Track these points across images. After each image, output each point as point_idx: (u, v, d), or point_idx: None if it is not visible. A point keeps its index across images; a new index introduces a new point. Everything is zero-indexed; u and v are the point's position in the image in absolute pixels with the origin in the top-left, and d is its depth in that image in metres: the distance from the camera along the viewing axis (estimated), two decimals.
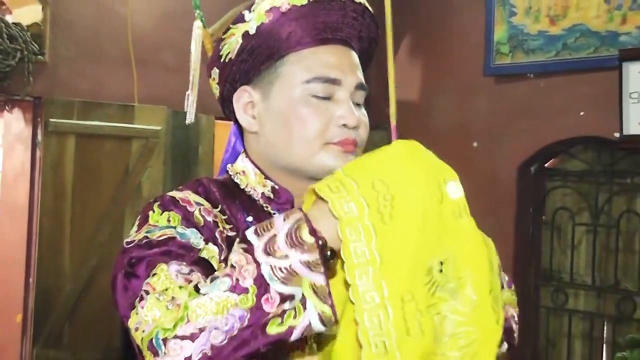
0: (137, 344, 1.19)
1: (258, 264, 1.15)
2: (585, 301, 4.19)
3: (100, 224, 4.15)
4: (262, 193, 1.42)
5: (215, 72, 1.43)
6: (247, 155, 1.45)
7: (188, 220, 1.31)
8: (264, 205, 1.42)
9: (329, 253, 1.19)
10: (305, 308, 1.13)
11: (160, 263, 1.23)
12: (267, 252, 1.15)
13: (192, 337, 1.13)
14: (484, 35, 4.30)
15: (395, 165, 1.23)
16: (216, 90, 1.47)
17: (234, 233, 1.35)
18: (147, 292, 1.19)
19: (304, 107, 1.35)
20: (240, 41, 1.36)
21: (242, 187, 1.44)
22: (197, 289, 1.17)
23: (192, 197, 1.36)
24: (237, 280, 1.14)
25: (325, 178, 1.23)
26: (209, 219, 1.34)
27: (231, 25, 1.38)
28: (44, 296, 4.04)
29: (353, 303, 1.18)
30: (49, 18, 4.01)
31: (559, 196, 4.32)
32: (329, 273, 1.21)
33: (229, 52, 1.38)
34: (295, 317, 1.13)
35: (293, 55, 1.36)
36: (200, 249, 1.28)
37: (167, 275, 1.20)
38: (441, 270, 1.20)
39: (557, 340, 4.31)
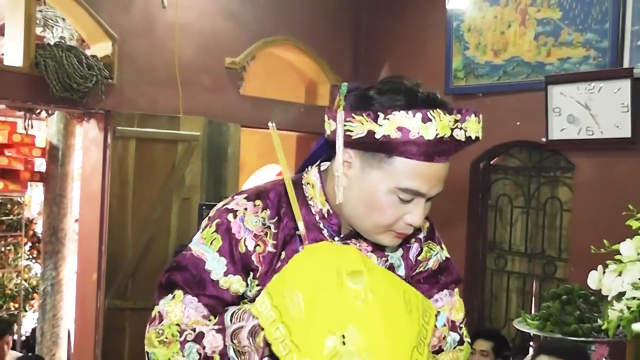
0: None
1: (225, 345, 1.19)
2: (520, 264, 4.26)
3: (154, 206, 4.18)
4: (320, 210, 1.32)
5: (333, 124, 1.23)
6: (320, 175, 1.33)
7: (225, 248, 1.27)
8: (318, 220, 1.33)
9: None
10: None
11: (180, 289, 1.26)
12: (232, 339, 1.18)
13: None
14: (445, 64, 4.33)
15: (298, 272, 1.16)
16: (328, 130, 1.27)
17: (274, 250, 1.29)
18: (161, 318, 1.24)
19: (387, 201, 1.22)
20: (365, 133, 1.17)
21: (307, 197, 1.33)
22: (183, 344, 1.21)
23: (249, 218, 1.29)
24: (206, 353, 1.19)
25: (259, 297, 1.17)
26: (251, 246, 1.27)
27: (364, 115, 1.17)
28: (113, 260, 4.09)
29: None
30: (117, 52, 4.06)
31: (500, 185, 4.37)
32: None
33: (351, 131, 1.19)
34: None
35: (401, 161, 1.19)
36: (217, 280, 1.26)
37: (179, 306, 1.25)
38: (344, 343, 1.09)
39: (499, 294, 4.37)
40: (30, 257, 6.25)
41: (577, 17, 3.73)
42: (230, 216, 1.29)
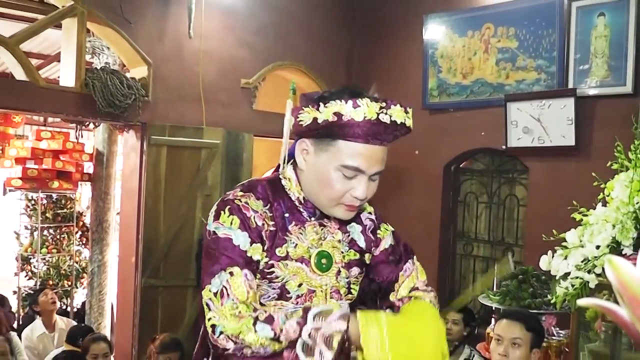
0: (205, 314, 1.21)
1: (299, 337, 1.16)
2: (484, 250, 4.26)
3: (181, 202, 4.18)
4: (298, 197, 1.35)
5: (292, 120, 1.30)
6: (295, 171, 1.37)
7: (244, 224, 1.26)
8: (298, 205, 1.35)
9: (350, 352, 1.19)
10: None
11: (236, 266, 1.22)
12: (309, 335, 1.16)
13: (235, 342, 1.17)
14: (422, 84, 4.32)
15: (420, 345, 1.18)
16: (292, 127, 1.34)
17: (274, 228, 1.30)
18: (227, 294, 1.19)
19: (334, 177, 1.26)
20: (311, 121, 1.24)
21: (286, 189, 1.36)
22: (255, 321, 1.17)
23: (251, 202, 1.29)
24: (279, 336, 1.16)
25: (372, 328, 1.17)
26: (259, 223, 1.28)
27: (310, 106, 1.25)
28: (148, 246, 4.10)
29: None
30: (152, 74, 4.06)
31: (468, 185, 4.37)
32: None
33: (302, 121, 1.26)
34: None
35: (342, 143, 1.24)
36: (246, 250, 1.25)
37: (239, 280, 1.21)
38: None
39: (466, 274, 4.37)
40: (81, 243, 6.26)
41: (530, 47, 3.73)
42: (237, 201, 1.29)
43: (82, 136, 5.61)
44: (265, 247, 1.28)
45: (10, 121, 6.11)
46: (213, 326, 1.18)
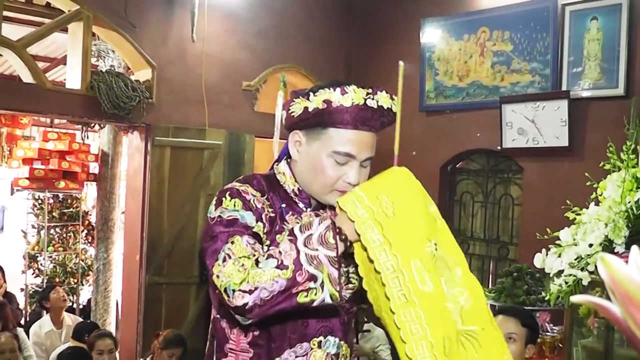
0: (215, 284, 1.17)
1: (298, 252, 1.13)
2: (479, 248, 4.24)
3: (185, 201, 4.17)
4: (293, 189, 1.36)
5: (284, 113, 1.32)
6: (289, 164, 1.38)
7: (246, 205, 1.27)
8: (293, 197, 1.36)
9: (348, 244, 1.16)
10: (322, 290, 1.12)
11: (236, 235, 1.21)
12: (305, 245, 1.14)
13: (250, 292, 1.12)
14: (419, 87, 4.30)
15: (393, 183, 1.18)
16: (284, 121, 1.36)
17: (273, 215, 1.31)
18: (229, 256, 1.17)
19: (327, 164, 1.28)
20: (302, 111, 1.26)
21: (281, 182, 1.37)
22: (257, 262, 1.14)
23: (250, 190, 1.31)
24: (282, 261, 1.12)
25: (346, 194, 1.19)
26: (259, 206, 1.29)
27: (300, 97, 1.27)
28: (152, 244, 4.10)
29: (378, 272, 1.11)
30: (156, 77, 4.06)
31: (464, 185, 4.35)
32: (350, 259, 1.19)
33: (293, 112, 1.28)
34: (315, 294, 1.12)
35: (333, 130, 1.26)
36: (253, 227, 1.24)
37: (241, 245, 1.19)
38: (436, 249, 1.14)
39: None
40: (86, 241, 6.26)
41: (525, 50, 3.73)
42: (236, 187, 1.30)
43: (87, 137, 5.62)
44: (265, 230, 1.28)
45: (18, 123, 6.10)
46: (225, 290, 1.14)
